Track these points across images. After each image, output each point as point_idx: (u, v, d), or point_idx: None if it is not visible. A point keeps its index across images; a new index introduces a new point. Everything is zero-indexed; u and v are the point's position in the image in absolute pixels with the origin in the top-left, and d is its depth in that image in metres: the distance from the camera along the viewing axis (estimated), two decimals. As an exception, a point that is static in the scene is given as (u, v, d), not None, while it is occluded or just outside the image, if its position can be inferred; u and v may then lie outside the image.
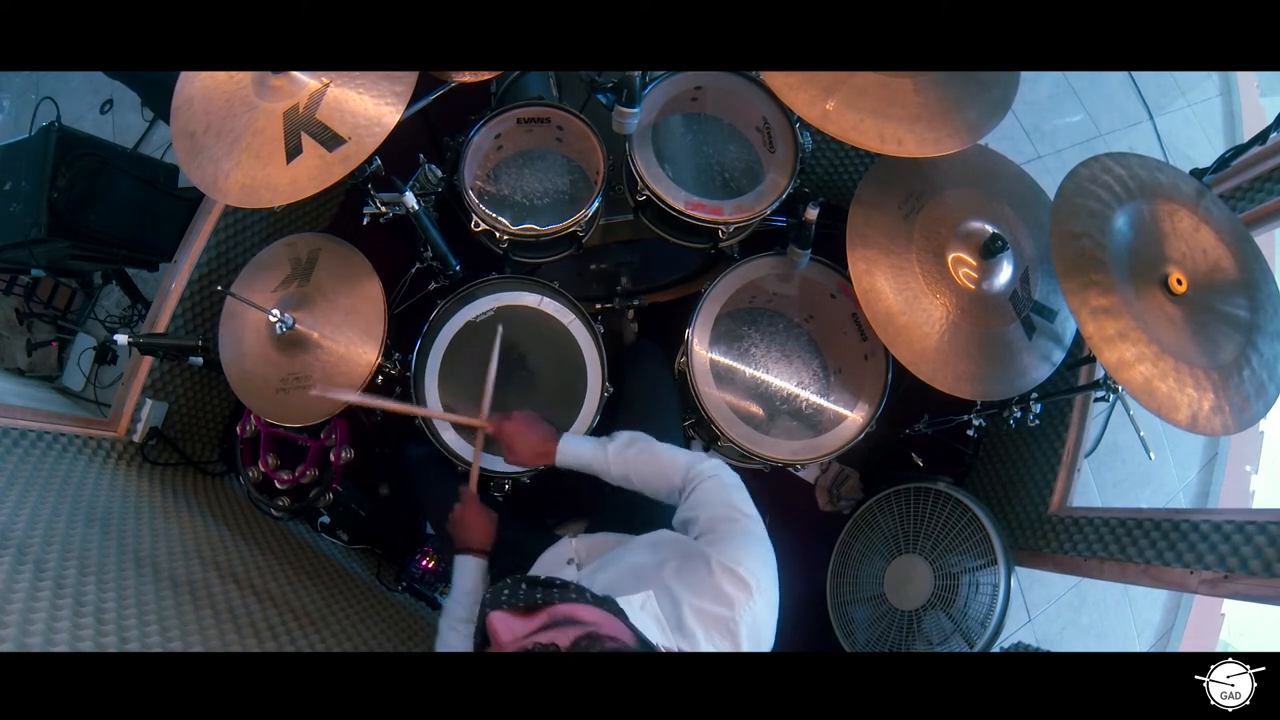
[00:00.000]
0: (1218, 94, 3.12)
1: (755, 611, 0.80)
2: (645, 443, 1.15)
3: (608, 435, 1.19)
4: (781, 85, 1.24)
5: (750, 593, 0.80)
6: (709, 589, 0.80)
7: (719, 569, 0.81)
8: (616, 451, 1.14)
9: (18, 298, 2.25)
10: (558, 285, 1.50)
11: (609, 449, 1.15)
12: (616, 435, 1.17)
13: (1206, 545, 1.34)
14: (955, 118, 1.24)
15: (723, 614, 0.78)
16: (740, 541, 0.87)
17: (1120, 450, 2.43)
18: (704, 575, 0.81)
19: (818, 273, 1.54)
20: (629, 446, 1.14)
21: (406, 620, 1.70)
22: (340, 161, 1.17)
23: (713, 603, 0.79)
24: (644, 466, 1.11)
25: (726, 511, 0.94)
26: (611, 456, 1.14)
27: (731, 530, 0.90)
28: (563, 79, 1.75)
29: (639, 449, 1.13)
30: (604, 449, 1.15)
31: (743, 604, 0.79)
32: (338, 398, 1.31)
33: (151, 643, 0.98)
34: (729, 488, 0.99)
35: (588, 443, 1.18)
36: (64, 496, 1.27)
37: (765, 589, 0.82)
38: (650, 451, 1.12)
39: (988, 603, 1.52)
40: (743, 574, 0.81)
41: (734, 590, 0.80)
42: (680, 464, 1.07)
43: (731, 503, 0.96)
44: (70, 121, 1.80)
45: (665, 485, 1.09)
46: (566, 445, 1.18)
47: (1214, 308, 1.22)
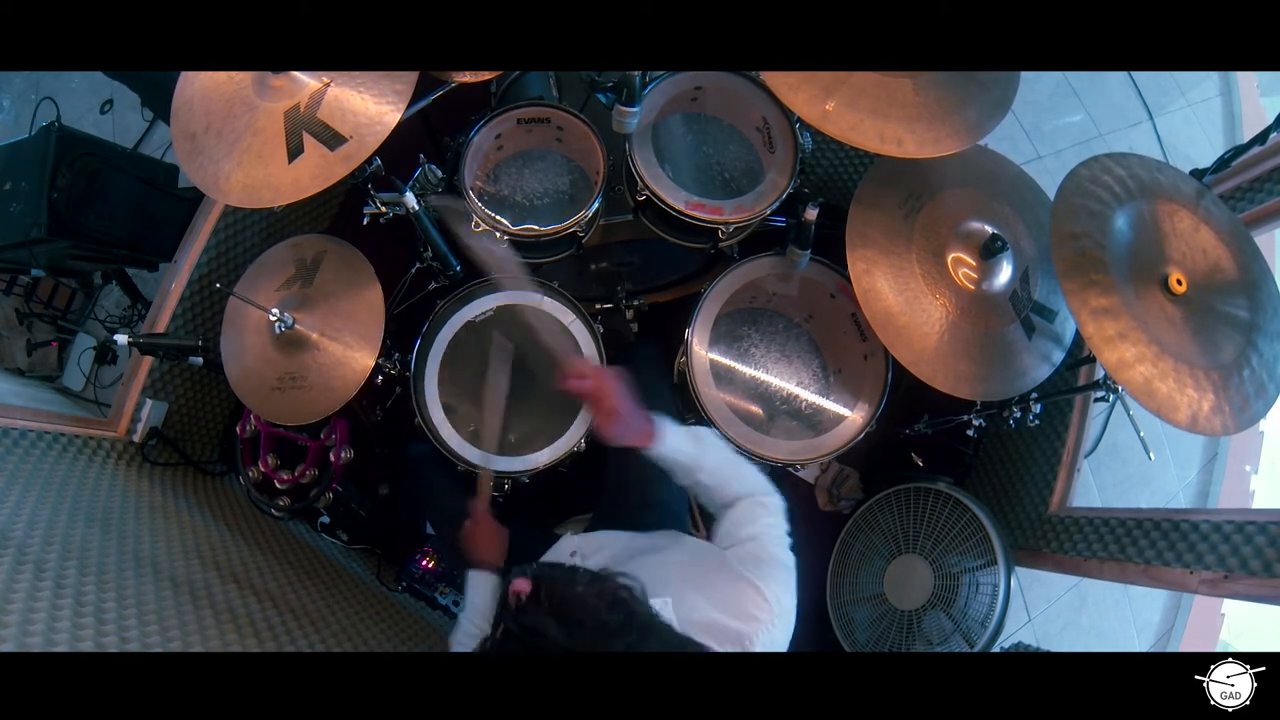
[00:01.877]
0: (1218, 94, 3.12)
1: (773, 635, 0.79)
2: (726, 448, 1.04)
3: (693, 431, 1.05)
4: (781, 85, 1.24)
5: (772, 617, 0.80)
6: (732, 604, 0.80)
7: (746, 586, 0.81)
8: (713, 457, 1.01)
9: (18, 298, 2.25)
10: (558, 285, 1.50)
11: (706, 450, 1.01)
12: (700, 430, 1.05)
13: (1206, 545, 1.34)
14: (955, 118, 1.24)
15: (741, 630, 0.78)
16: (769, 563, 0.86)
17: (1120, 450, 2.43)
18: (727, 589, 0.81)
19: (818, 273, 1.54)
20: (716, 449, 1.02)
21: (406, 620, 1.70)
22: (342, 160, 1.17)
23: (734, 618, 0.78)
24: (725, 473, 1.01)
25: (773, 546, 0.90)
26: (709, 461, 1.00)
27: (764, 550, 0.88)
28: (563, 79, 1.75)
29: (724, 454, 1.02)
30: (700, 447, 1.01)
31: (763, 625, 0.79)
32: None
33: (151, 643, 0.98)
34: (782, 524, 0.96)
35: (686, 435, 1.02)
36: (64, 496, 1.27)
37: (785, 615, 0.82)
38: (733, 460, 1.03)
39: (988, 603, 1.52)
40: (769, 597, 0.80)
41: (756, 610, 0.79)
42: (749, 482, 0.99)
43: (782, 539, 0.93)
44: (70, 121, 1.80)
45: (722, 496, 1.00)
46: (673, 436, 1.00)
47: (1214, 308, 1.22)
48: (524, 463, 1.41)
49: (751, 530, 0.92)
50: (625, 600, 0.65)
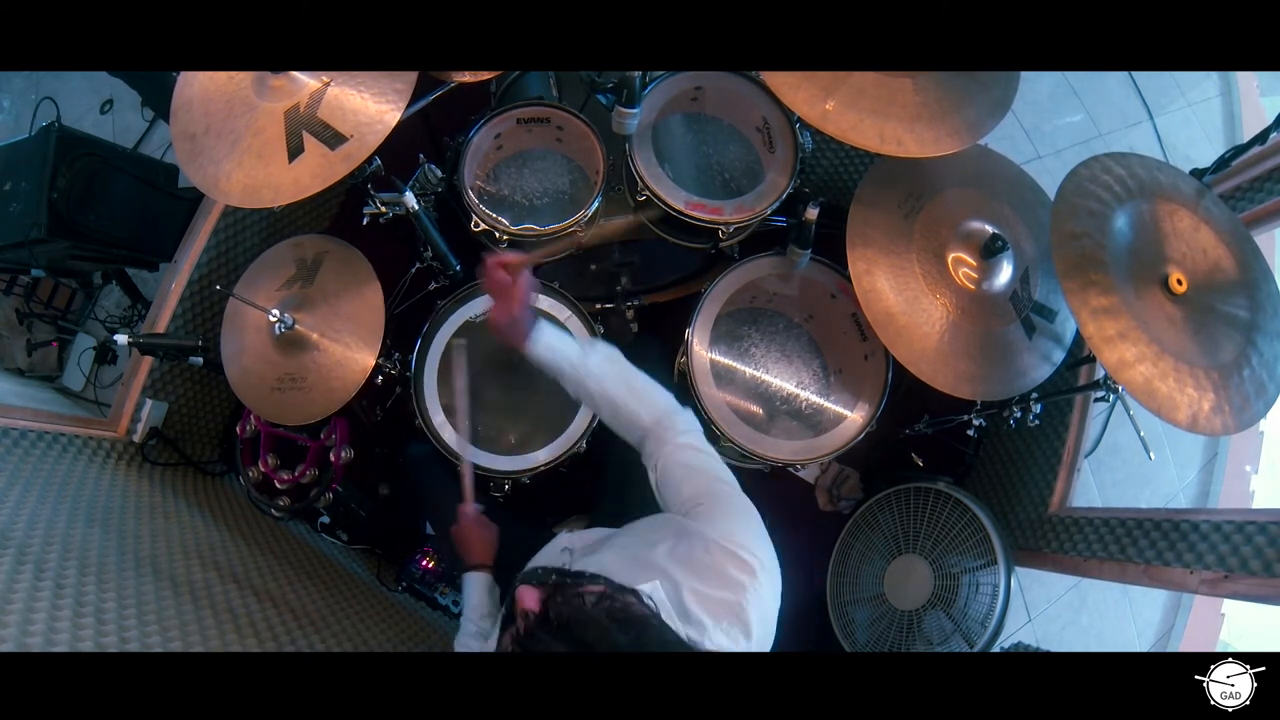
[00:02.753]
0: (1218, 94, 3.12)
1: (761, 593, 0.78)
2: (626, 367, 1.07)
3: (589, 342, 1.12)
4: (781, 85, 1.24)
5: (754, 574, 0.79)
6: (713, 573, 0.79)
7: (718, 551, 0.80)
8: (597, 363, 1.05)
9: (18, 298, 2.25)
10: (558, 285, 1.50)
11: (590, 354, 1.06)
12: (597, 344, 1.10)
13: (1206, 545, 1.34)
14: (955, 118, 1.24)
15: (729, 599, 0.77)
16: (731, 515, 0.85)
17: (1120, 450, 2.43)
18: (704, 558, 0.80)
19: (818, 273, 1.54)
20: (611, 362, 1.06)
21: (406, 620, 1.70)
22: (343, 159, 1.17)
23: (719, 588, 0.77)
24: (620, 388, 1.03)
25: (710, 483, 0.90)
26: (592, 365, 1.04)
27: (718, 503, 0.87)
28: (563, 79, 1.75)
29: (620, 368, 1.06)
30: (584, 352, 1.06)
31: (749, 587, 0.78)
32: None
33: (151, 643, 0.98)
34: (707, 455, 0.95)
35: (569, 339, 1.08)
36: (64, 496, 1.27)
37: (768, 566, 0.81)
38: (631, 376, 1.05)
39: (988, 603, 1.52)
40: (744, 556, 0.79)
41: (738, 573, 0.78)
42: (658, 403, 1.01)
43: (712, 472, 0.92)
44: (70, 121, 1.81)
45: (632, 420, 1.02)
46: (544, 331, 1.06)
47: (1214, 308, 1.22)
48: (524, 462, 1.41)
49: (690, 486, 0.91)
50: (639, 618, 0.64)
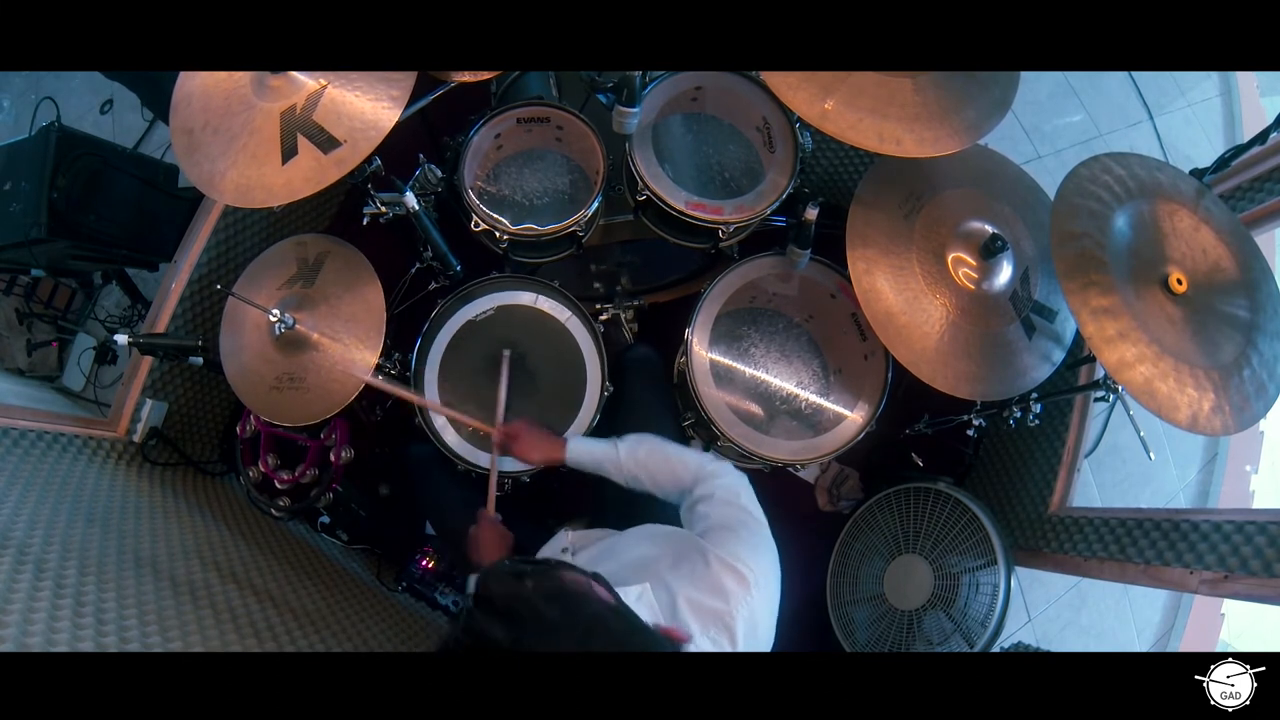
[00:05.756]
0: (1218, 94, 3.12)
1: (752, 606, 0.79)
2: (654, 442, 1.17)
3: (616, 436, 1.22)
4: (781, 85, 1.24)
5: (748, 587, 0.80)
6: (706, 583, 0.80)
7: (716, 563, 0.81)
8: (628, 451, 1.17)
9: (18, 298, 2.25)
10: (558, 285, 1.50)
11: (620, 448, 1.18)
12: (625, 436, 1.20)
13: (1206, 545, 1.34)
14: (955, 118, 1.24)
15: (718, 608, 0.78)
16: (741, 538, 0.88)
17: (1120, 450, 2.43)
18: (701, 569, 0.82)
19: (818, 273, 1.54)
20: (639, 445, 1.17)
21: (406, 620, 1.70)
22: (335, 164, 1.17)
23: (710, 596, 0.79)
24: (654, 464, 1.14)
25: (735, 513, 0.95)
26: (623, 455, 1.17)
27: (734, 530, 0.90)
28: (563, 79, 1.75)
29: (649, 448, 1.16)
30: (615, 448, 1.18)
31: (739, 598, 0.79)
32: (355, 374, 1.35)
33: (151, 643, 0.98)
34: (739, 490, 1.00)
35: (598, 442, 1.21)
36: (64, 496, 1.27)
37: (763, 584, 0.82)
38: (661, 451, 1.15)
39: (988, 603, 1.52)
40: (740, 569, 0.81)
41: (731, 584, 0.80)
42: (690, 464, 1.10)
43: (740, 504, 0.97)
44: (70, 121, 1.80)
45: (675, 484, 1.11)
46: (577, 444, 1.22)
47: (1214, 308, 1.22)
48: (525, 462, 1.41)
49: (716, 514, 0.95)
50: (574, 594, 0.60)
